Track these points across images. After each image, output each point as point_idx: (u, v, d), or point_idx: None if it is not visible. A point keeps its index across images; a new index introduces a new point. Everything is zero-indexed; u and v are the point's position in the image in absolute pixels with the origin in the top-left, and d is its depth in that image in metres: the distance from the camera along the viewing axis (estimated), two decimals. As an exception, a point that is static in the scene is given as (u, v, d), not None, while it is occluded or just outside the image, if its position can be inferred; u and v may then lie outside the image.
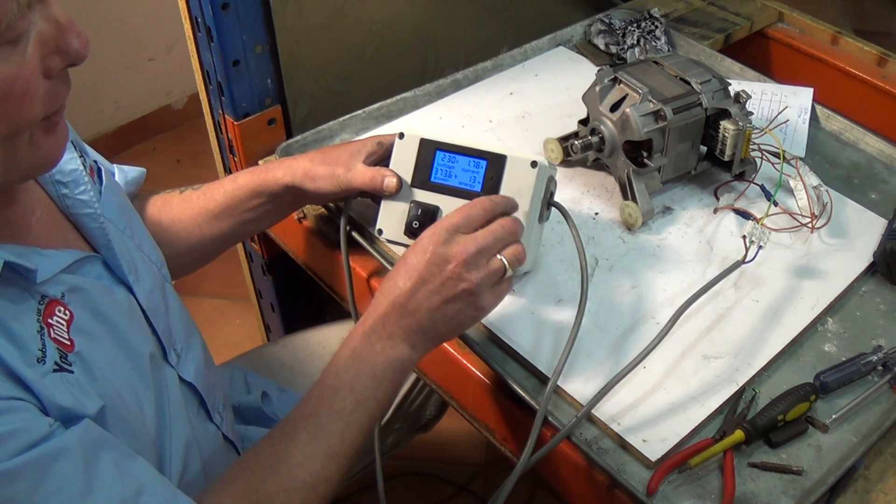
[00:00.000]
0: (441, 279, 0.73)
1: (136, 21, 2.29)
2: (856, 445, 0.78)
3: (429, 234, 0.74)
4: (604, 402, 0.79)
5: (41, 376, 0.59)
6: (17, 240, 0.65)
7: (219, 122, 1.16)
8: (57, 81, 0.59)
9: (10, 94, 0.55)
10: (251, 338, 1.68)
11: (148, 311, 0.75)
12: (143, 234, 0.83)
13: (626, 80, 0.99)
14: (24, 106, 0.56)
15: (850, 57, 1.38)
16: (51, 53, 0.57)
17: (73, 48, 0.58)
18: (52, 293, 0.64)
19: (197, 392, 0.81)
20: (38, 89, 0.57)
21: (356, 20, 1.21)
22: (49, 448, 0.56)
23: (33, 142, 0.59)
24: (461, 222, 0.75)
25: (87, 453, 0.59)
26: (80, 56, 0.59)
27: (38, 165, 0.62)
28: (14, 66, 0.54)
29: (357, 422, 0.72)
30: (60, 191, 0.72)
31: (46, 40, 0.57)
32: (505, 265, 0.75)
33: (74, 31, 0.58)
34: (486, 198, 0.79)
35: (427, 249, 0.73)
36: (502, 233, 0.76)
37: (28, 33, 0.55)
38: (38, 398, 0.58)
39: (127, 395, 0.67)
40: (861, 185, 1.10)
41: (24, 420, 0.56)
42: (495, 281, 0.75)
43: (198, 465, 0.77)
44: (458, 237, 0.74)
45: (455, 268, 0.73)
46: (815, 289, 0.93)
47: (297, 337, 1.21)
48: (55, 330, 0.62)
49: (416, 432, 1.28)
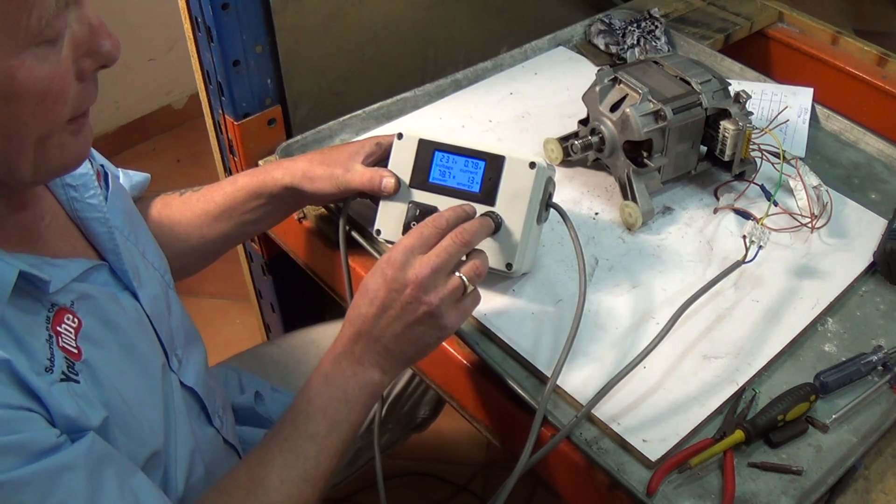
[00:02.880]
0: (401, 304, 0.73)
1: (136, 21, 2.28)
2: (856, 445, 0.78)
3: (385, 259, 0.74)
4: (604, 401, 0.79)
5: (49, 385, 0.59)
6: (30, 247, 0.65)
7: (219, 122, 1.16)
8: (88, 84, 0.60)
9: (48, 94, 0.55)
10: (251, 338, 1.68)
11: (152, 318, 0.75)
12: (148, 241, 0.83)
13: (626, 80, 0.99)
14: (59, 107, 0.57)
15: (850, 57, 1.39)
16: (83, 56, 0.58)
17: (104, 50, 0.59)
18: (61, 301, 0.64)
19: (198, 397, 0.82)
20: (71, 91, 0.58)
21: (356, 20, 1.21)
22: (56, 461, 0.57)
23: (61, 143, 0.60)
24: (416, 243, 0.74)
25: (93, 467, 0.59)
26: (112, 58, 0.60)
27: (66, 165, 0.63)
28: (51, 66, 0.55)
29: (331, 445, 0.73)
30: (70, 194, 0.72)
31: (79, 42, 0.57)
32: (464, 282, 0.75)
33: (106, 32, 0.59)
34: (437, 214, 0.78)
35: (385, 274, 0.73)
36: (454, 248, 0.74)
37: (64, 34, 0.56)
38: (46, 408, 0.58)
39: (133, 403, 0.67)
40: (861, 185, 1.10)
41: (33, 430, 0.56)
42: (457, 298, 0.75)
43: (201, 470, 0.78)
44: (414, 259, 0.73)
45: (412, 291, 0.72)
46: (815, 289, 0.93)
47: (290, 337, 1.21)
48: (63, 338, 0.62)
49: (410, 432, 1.29)
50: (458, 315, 0.75)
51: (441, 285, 0.73)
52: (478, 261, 0.77)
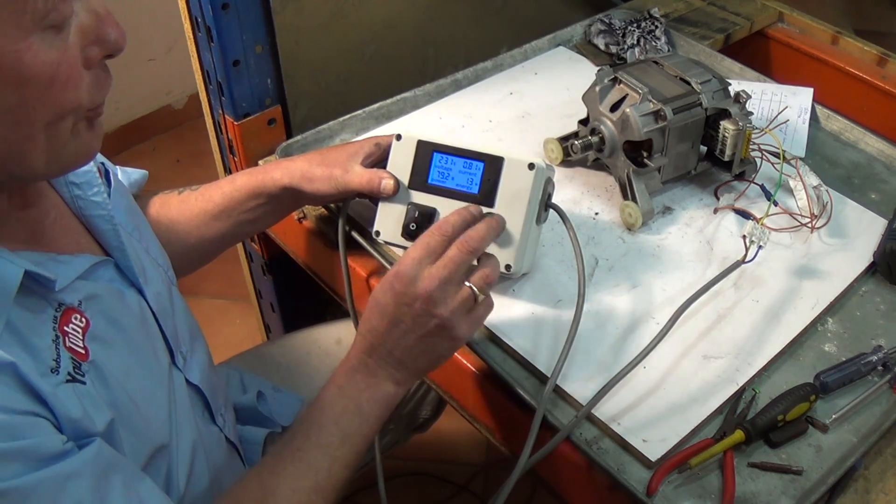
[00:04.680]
0: (411, 318, 0.72)
1: (136, 21, 2.28)
2: (856, 445, 0.78)
3: (394, 273, 0.73)
4: (604, 402, 0.79)
5: (54, 387, 0.58)
6: (35, 245, 0.65)
7: (219, 122, 1.16)
8: (100, 72, 0.60)
9: (56, 78, 0.56)
10: (251, 338, 1.68)
11: (157, 314, 0.75)
12: (150, 237, 0.83)
13: (626, 80, 0.99)
14: (69, 91, 0.57)
15: (850, 57, 1.38)
16: (90, 44, 0.58)
17: (111, 38, 0.59)
18: (69, 301, 0.64)
19: (202, 394, 0.81)
20: (82, 78, 0.58)
21: (356, 20, 1.21)
22: (62, 468, 0.56)
23: (76, 131, 0.60)
24: (423, 254, 0.73)
25: (99, 475, 0.59)
26: (118, 47, 0.60)
27: (80, 155, 0.63)
28: (58, 52, 0.55)
29: (343, 456, 0.73)
30: (74, 192, 0.72)
31: (86, 30, 0.58)
32: (474, 292, 0.74)
33: (113, 22, 0.59)
34: (442, 222, 0.76)
35: (395, 288, 0.72)
36: (461, 257, 0.73)
37: (70, 20, 0.56)
38: (52, 411, 0.58)
39: (140, 401, 0.67)
40: (861, 185, 1.10)
41: (40, 436, 0.56)
42: (469, 308, 0.74)
43: (203, 468, 0.77)
44: (423, 271, 0.72)
45: (422, 305, 0.72)
46: (815, 289, 0.93)
47: (292, 337, 1.21)
48: (70, 338, 0.62)
49: (412, 432, 1.29)
50: (471, 324, 0.75)
51: (451, 297, 0.73)
52: (487, 269, 0.76)
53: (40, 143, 0.57)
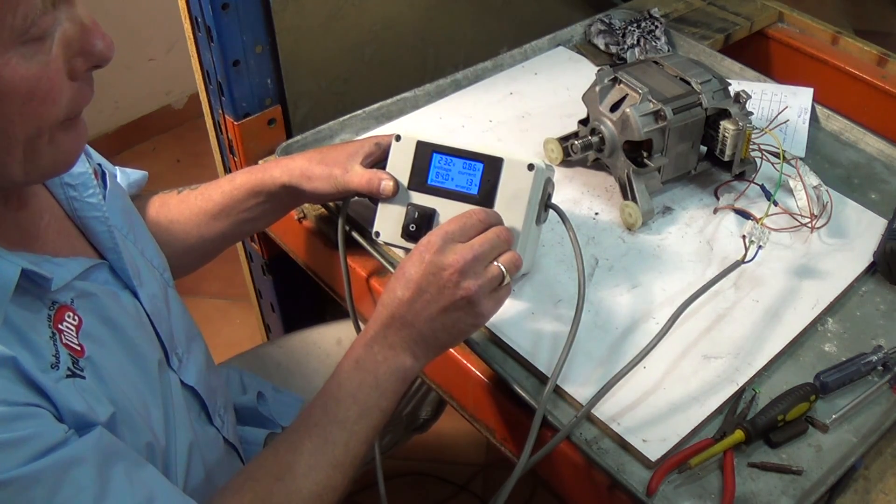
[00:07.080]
0: (438, 288, 0.72)
1: (136, 21, 2.29)
2: (856, 445, 0.78)
3: (424, 243, 0.74)
4: (604, 402, 0.79)
5: (55, 382, 0.59)
6: (30, 247, 0.65)
7: (219, 122, 1.16)
8: (82, 84, 0.59)
9: (35, 93, 0.55)
10: (251, 338, 1.68)
11: (152, 316, 0.75)
12: (146, 239, 0.83)
13: (626, 80, 0.99)
14: (48, 106, 0.56)
15: (850, 57, 1.38)
16: (75, 55, 0.57)
17: (97, 50, 0.58)
18: (62, 299, 0.64)
19: (198, 396, 0.81)
20: (63, 91, 0.57)
21: (356, 20, 1.21)
22: (65, 455, 0.56)
23: (53, 140, 0.59)
24: (457, 230, 0.75)
25: (101, 461, 0.59)
26: (105, 58, 0.59)
27: (59, 163, 0.62)
28: (39, 66, 0.55)
29: (361, 431, 0.72)
30: (69, 194, 0.72)
31: (71, 41, 0.57)
32: (503, 272, 0.75)
33: (99, 32, 0.58)
34: (481, 209, 0.79)
35: (423, 258, 0.73)
36: (497, 241, 0.76)
37: (53, 32, 0.55)
38: (54, 404, 0.58)
39: (135, 401, 0.67)
40: (861, 185, 1.10)
41: (41, 426, 0.56)
42: (494, 287, 0.75)
43: (200, 470, 0.77)
44: (454, 245, 0.74)
45: (452, 275, 0.72)
46: (815, 289, 0.93)
47: (292, 337, 1.21)
48: (66, 336, 0.62)
49: (412, 433, 1.28)
50: (494, 304, 0.76)
51: (481, 272, 0.74)
52: (515, 254, 0.78)
53: (17, 156, 0.57)
